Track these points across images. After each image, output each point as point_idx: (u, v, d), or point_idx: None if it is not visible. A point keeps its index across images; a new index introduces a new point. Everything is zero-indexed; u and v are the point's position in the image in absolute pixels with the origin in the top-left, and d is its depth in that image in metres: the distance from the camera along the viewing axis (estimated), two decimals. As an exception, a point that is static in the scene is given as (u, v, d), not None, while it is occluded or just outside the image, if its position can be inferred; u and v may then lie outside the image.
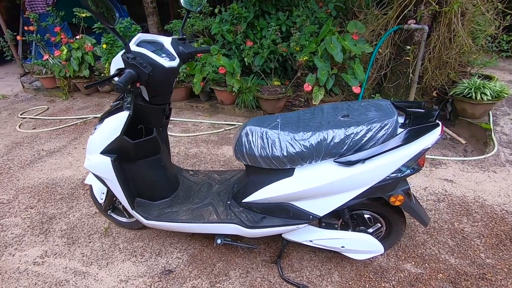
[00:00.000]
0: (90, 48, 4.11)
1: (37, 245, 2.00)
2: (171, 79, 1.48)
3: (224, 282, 1.68)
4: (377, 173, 1.25)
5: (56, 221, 2.19)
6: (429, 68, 3.39)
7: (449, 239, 1.91)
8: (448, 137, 3.22)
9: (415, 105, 1.36)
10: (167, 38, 1.54)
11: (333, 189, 1.30)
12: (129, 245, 1.96)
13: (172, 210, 1.70)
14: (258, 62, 3.80)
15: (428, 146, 1.22)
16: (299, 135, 1.28)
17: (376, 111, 1.31)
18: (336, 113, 1.38)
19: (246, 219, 1.51)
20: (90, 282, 1.72)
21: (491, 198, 2.28)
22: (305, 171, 1.33)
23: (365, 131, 1.22)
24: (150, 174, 1.69)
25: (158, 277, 1.73)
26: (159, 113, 1.55)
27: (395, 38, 3.44)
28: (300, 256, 1.81)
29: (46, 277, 1.76)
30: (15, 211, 2.32)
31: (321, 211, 1.38)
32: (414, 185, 2.46)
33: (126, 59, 1.25)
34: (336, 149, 1.24)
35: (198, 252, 1.87)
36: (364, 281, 1.64)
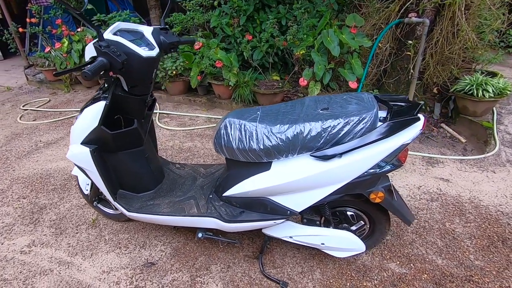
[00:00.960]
0: (90, 40, 4.12)
1: (26, 234, 2.02)
2: (150, 69, 1.45)
3: (205, 276, 1.67)
4: (354, 168, 1.21)
5: (46, 212, 2.22)
6: (431, 63, 3.30)
7: (439, 240, 1.86)
8: (448, 135, 3.13)
9: (399, 99, 1.31)
10: (148, 27, 1.52)
11: (309, 184, 1.27)
12: (115, 236, 1.97)
13: (154, 202, 1.69)
14: (256, 56, 3.76)
15: (407, 141, 1.18)
16: (276, 128, 1.25)
17: (357, 104, 1.27)
18: (317, 106, 1.34)
19: (225, 213, 1.50)
20: (73, 272, 1.74)
21: (487, 199, 2.21)
22: (282, 165, 1.30)
23: (342, 125, 1.18)
24: (133, 166, 1.68)
25: (140, 269, 1.73)
26: (139, 104, 1.53)
27: (396, 32, 3.35)
28: (283, 252, 1.79)
29: (31, 266, 1.79)
30: (8, 200, 2.36)
31: (299, 207, 1.35)
32: (408, 183, 2.40)
33: (98, 47, 1.23)
34: (312, 143, 1.21)
35: (181, 246, 1.87)
36: (345, 280, 1.60)
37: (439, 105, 3.53)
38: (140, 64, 1.36)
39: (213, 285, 1.62)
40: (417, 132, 1.19)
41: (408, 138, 1.17)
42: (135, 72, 1.39)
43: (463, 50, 3.26)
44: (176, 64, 3.68)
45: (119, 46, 1.30)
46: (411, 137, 1.18)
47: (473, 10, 3.04)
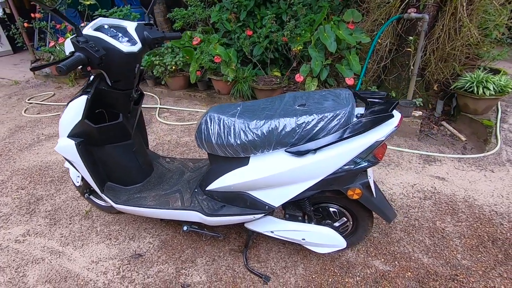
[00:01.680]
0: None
1: (22, 224, 2.09)
2: (131, 64, 1.47)
3: (190, 268, 1.70)
4: (328, 164, 1.20)
5: (42, 202, 2.28)
6: (432, 60, 3.23)
7: (427, 238, 1.84)
8: (449, 133, 3.08)
9: (378, 96, 1.29)
10: (132, 23, 1.53)
11: (285, 179, 1.27)
12: (106, 228, 2.01)
13: (141, 195, 1.72)
14: (256, 52, 3.75)
15: (381, 138, 1.17)
16: (252, 123, 1.25)
17: (333, 101, 1.26)
18: (295, 102, 1.33)
19: (207, 207, 1.51)
20: (64, 262, 1.79)
21: (482, 198, 2.17)
22: (259, 160, 1.30)
23: (316, 121, 1.18)
24: (121, 159, 1.71)
25: (127, 260, 1.77)
26: (124, 98, 1.55)
27: (397, 28, 3.29)
28: (269, 247, 1.80)
29: (24, 255, 1.84)
30: (7, 191, 2.43)
31: (276, 202, 1.35)
32: (403, 181, 2.38)
33: (76, 42, 1.25)
34: (287, 139, 1.21)
35: (169, 238, 1.90)
36: (328, 275, 1.61)
37: (441, 103, 3.47)
38: (121, 59, 1.37)
39: (197, 277, 1.65)
40: (391, 129, 1.17)
41: (382, 135, 1.16)
42: (116, 67, 1.41)
43: (466, 47, 3.19)
44: (176, 59, 3.70)
45: (99, 41, 1.32)
46: (385, 134, 1.16)
47: (476, 6, 2.96)
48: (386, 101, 1.23)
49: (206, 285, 1.60)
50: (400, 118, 1.22)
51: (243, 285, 1.59)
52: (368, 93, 1.33)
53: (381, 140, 1.17)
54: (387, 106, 1.18)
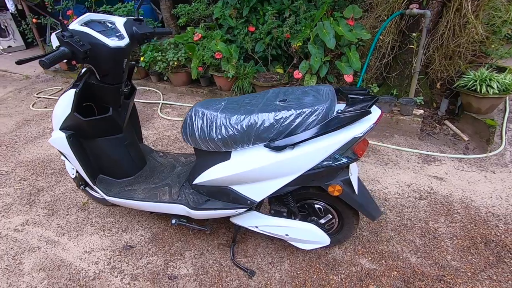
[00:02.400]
0: (99, 31, 4.25)
1: (21, 214, 2.16)
2: (119, 58, 1.49)
3: (178, 261, 1.73)
4: (306, 160, 1.20)
5: (42, 194, 2.35)
6: (436, 57, 3.16)
7: (417, 238, 1.81)
8: (451, 132, 3.01)
9: (359, 92, 1.28)
10: (121, 18, 1.56)
11: (265, 174, 1.28)
12: (101, 219, 2.06)
13: (131, 188, 1.76)
14: (258, 48, 3.74)
15: (359, 135, 1.16)
16: (233, 118, 1.26)
17: (314, 96, 1.26)
18: (277, 97, 1.33)
19: (192, 201, 1.54)
20: (58, 251, 1.85)
21: (480, 199, 2.12)
22: (240, 155, 1.31)
23: (294, 116, 1.18)
24: (112, 153, 1.75)
25: (118, 251, 1.81)
26: (113, 92, 1.58)
27: (400, 25, 3.23)
28: (257, 242, 1.81)
29: (22, 243, 1.91)
30: (11, 182, 2.52)
31: (257, 196, 1.36)
32: (399, 180, 2.35)
33: (60, 37, 1.28)
34: (265, 134, 1.21)
35: (161, 231, 1.93)
36: (313, 272, 1.61)
37: (446, 101, 3.39)
38: (107, 53, 1.40)
39: (184, 270, 1.68)
40: (369, 125, 1.16)
41: (360, 131, 1.15)
42: (103, 62, 1.44)
43: (472, 44, 3.10)
44: (178, 55, 3.73)
45: (85, 36, 1.34)
46: (363, 131, 1.15)
47: (482, 1, 2.87)
48: (366, 97, 1.22)
49: (192, 278, 1.63)
50: (380, 114, 1.20)
51: (228, 279, 1.61)
52: (350, 89, 1.32)
53: (359, 136, 1.16)
54: (366, 102, 1.17)
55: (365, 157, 2.67)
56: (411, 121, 2.86)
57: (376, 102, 1.21)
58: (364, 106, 1.15)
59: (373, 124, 1.17)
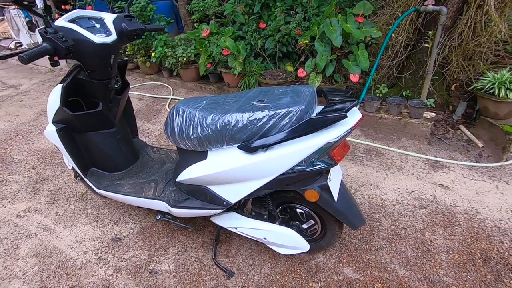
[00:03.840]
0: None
1: (25, 200, 2.27)
2: (105, 55, 1.50)
3: (161, 256, 1.75)
4: (279, 163, 1.16)
5: (47, 182, 2.46)
6: (453, 57, 2.97)
7: (410, 249, 1.72)
8: (465, 138, 2.82)
9: (341, 93, 1.21)
10: (111, 14, 1.57)
11: (239, 176, 1.25)
12: (96, 211, 2.13)
13: (120, 182, 1.79)
14: (268, 45, 3.69)
15: (333, 139, 1.09)
16: (209, 118, 1.24)
17: (292, 97, 1.21)
18: (257, 97, 1.30)
19: (173, 198, 1.54)
20: (53, 238, 1.93)
21: (487, 212, 1.97)
22: (216, 155, 1.29)
23: (268, 118, 1.13)
24: (103, 147, 1.79)
25: (107, 243, 1.86)
26: (102, 88, 1.60)
27: (416, 22, 3.06)
28: (241, 243, 1.79)
29: (21, 229, 2.01)
30: (21, 170, 2.65)
31: (233, 198, 1.34)
32: (400, 187, 2.23)
33: (43, 33, 1.31)
34: (239, 135, 1.18)
35: (150, 226, 1.96)
36: (292, 277, 1.57)
37: (464, 105, 3.18)
38: (93, 49, 1.42)
39: (166, 265, 1.69)
40: (345, 130, 1.10)
41: (335, 136, 1.09)
42: (89, 58, 1.46)
43: (495, 43, 2.88)
44: (187, 51, 3.76)
45: (69, 32, 1.37)
46: (338, 135, 1.09)
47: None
48: (345, 100, 1.15)
49: (172, 274, 1.64)
50: (359, 119, 1.13)
51: (207, 278, 1.60)
52: (333, 90, 1.26)
53: (334, 141, 1.10)
54: (343, 106, 1.10)
55: (367, 160, 2.56)
56: (420, 124, 2.71)
57: (356, 106, 1.14)
58: (340, 109, 1.09)
59: (349, 129, 1.11)
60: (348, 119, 1.11)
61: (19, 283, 1.65)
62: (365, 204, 2.07)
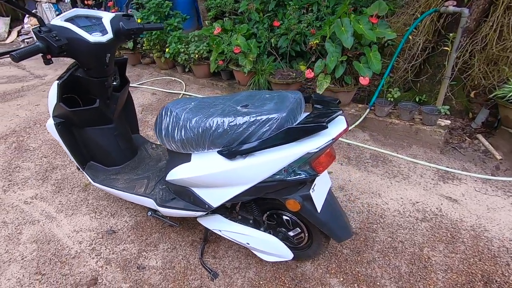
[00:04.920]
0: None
1: (34, 188, 2.38)
2: (99, 53, 1.52)
3: (150, 252, 1.77)
4: (258, 171, 1.13)
5: (56, 172, 2.57)
6: (475, 62, 2.78)
7: (404, 265, 1.63)
8: (482, 148, 2.65)
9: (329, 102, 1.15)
10: (109, 14, 1.59)
11: (219, 181, 1.23)
12: (96, 202, 2.19)
13: (116, 177, 1.83)
14: (281, 43, 3.63)
15: (313, 150, 1.05)
16: (193, 121, 1.22)
17: (276, 104, 1.16)
18: (244, 101, 1.26)
19: (160, 197, 1.55)
20: (53, 226, 2.00)
21: (497, 230, 1.84)
22: (199, 159, 1.28)
23: (248, 124, 1.10)
24: (101, 142, 1.83)
25: (102, 235, 1.91)
26: (99, 85, 1.63)
27: (437, 24, 2.89)
28: (229, 244, 1.78)
29: (26, 215, 2.11)
30: (34, 158, 2.78)
31: (214, 202, 1.32)
32: (403, 197, 2.13)
33: (37, 32, 1.34)
34: (219, 140, 1.16)
35: (144, 221, 1.99)
36: (276, 284, 1.54)
37: (486, 112, 2.98)
38: (88, 48, 1.44)
39: (154, 261, 1.71)
40: (327, 141, 1.04)
41: (315, 146, 1.04)
42: (84, 56, 1.49)
43: (522, 48, 2.67)
44: (200, 48, 3.77)
45: (63, 31, 1.39)
46: (318, 146, 1.04)
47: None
48: (329, 109, 1.10)
49: (158, 271, 1.66)
50: (343, 130, 1.08)
51: (191, 277, 1.61)
52: (321, 98, 1.20)
53: (313, 151, 1.05)
54: (326, 115, 1.05)
55: (372, 166, 2.47)
56: (433, 132, 2.57)
57: (340, 116, 1.09)
58: (322, 119, 1.04)
59: (331, 140, 1.05)
60: (331, 130, 1.05)
61: (17, 267, 1.74)
62: (363, 213, 2.00)
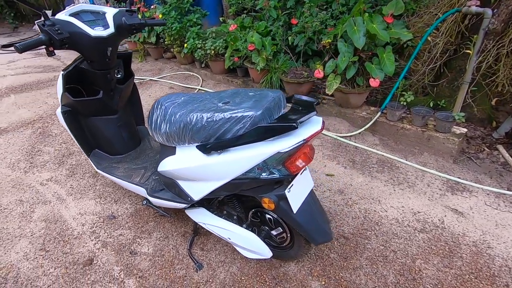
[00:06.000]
0: (157, 16, 4.62)
1: (50, 171, 2.57)
2: (101, 47, 1.60)
3: (144, 239, 1.86)
4: (231, 167, 1.15)
5: (72, 157, 2.74)
6: (501, 67, 2.59)
7: (392, 275, 1.58)
8: (501, 160, 2.48)
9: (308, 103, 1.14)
10: (112, 9, 1.67)
11: (198, 175, 1.27)
12: (103, 188, 2.32)
13: (117, 165, 1.93)
14: (298, 42, 3.59)
15: (284, 150, 1.04)
16: (177, 115, 1.26)
17: (255, 102, 1.17)
18: (228, 98, 1.29)
19: (151, 187, 1.61)
20: (61, 208, 2.15)
21: (501, 248, 1.73)
22: (182, 152, 1.32)
23: (224, 121, 1.12)
24: (105, 131, 1.93)
25: (103, 219, 2.03)
26: (102, 77, 1.72)
27: (460, 25, 2.72)
28: (218, 238, 1.81)
29: (40, 195, 2.28)
30: (55, 143, 2.99)
31: (196, 195, 1.36)
32: (405, 205, 2.06)
33: (41, 26, 1.44)
34: (197, 135, 1.19)
35: (143, 209, 2.09)
36: (257, 281, 1.55)
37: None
38: (89, 42, 1.53)
39: (146, 248, 1.79)
40: (297, 141, 1.04)
41: (286, 146, 1.04)
42: (86, 49, 1.58)
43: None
44: (216, 44, 3.83)
45: (66, 25, 1.48)
46: (289, 146, 1.04)
47: None
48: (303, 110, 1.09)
49: (149, 258, 1.73)
50: (316, 132, 1.06)
51: (178, 267, 1.67)
52: (300, 98, 1.19)
53: (284, 151, 1.05)
54: (299, 116, 1.04)
55: (377, 172, 2.39)
56: (446, 139, 2.44)
57: (317, 117, 1.08)
58: (294, 119, 1.03)
59: (302, 140, 1.05)
60: (303, 130, 1.05)
61: (26, 242, 1.89)
62: (359, 219, 1.95)
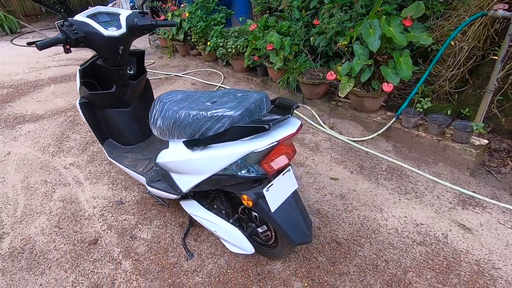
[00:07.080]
0: (184, 15, 4.80)
1: (74, 156, 2.80)
2: (113, 46, 1.73)
3: (145, 226, 1.98)
4: (210, 164, 1.20)
5: (94, 145, 2.97)
6: (532, 76, 2.39)
7: (379, 285, 1.55)
8: (525, 176, 2.29)
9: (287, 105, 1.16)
10: (126, 11, 1.79)
11: (184, 169, 1.34)
12: (117, 175, 2.50)
13: (126, 155, 2.07)
14: (318, 42, 3.56)
15: (257, 150, 1.08)
16: (170, 112, 1.34)
17: (238, 102, 1.21)
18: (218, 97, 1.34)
19: (150, 177, 1.72)
20: (78, 191, 2.35)
21: (508, 270, 1.63)
22: (173, 146, 1.40)
23: (206, 119, 1.18)
24: (117, 123, 2.08)
25: (111, 204, 2.19)
26: (115, 73, 1.86)
27: (490, 29, 2.55)
28: (213, 231, 1.89)
29: (62, 177, 2.51)
30: (81, 131, 3.25)
31: (184, 187, 1.43)
32: (408, 215, 1.99)
33: (60, 26, 1.58)
34: (184, 131, 1.26)
35: (148, 197, 2.22)
36: (241, 276, 1.60)
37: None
38: (102, 41, 1.66)
39: (145, 234, 1.91)
40: (270, 142, 1.06)
41: (259, 146, 1.07)
42: (99, 48, 1.72)
43: None
44: (237, 43, 3.91)
45: (83, 25, 1.62)
46: (262, 146, 1.07)
47: None
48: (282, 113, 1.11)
49: (146, 243, 1.85)
50: (290, 134, 1.08)
51: (171, 254, 1.76)
52: (283, 101, 1.21)
53: (258, 151, 1.08)
54: (273, 118, 1.07)
55: (385, 179, 2.33)
56: (462, 150, 2.30)
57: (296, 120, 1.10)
58: (268, 121, 1.06)
59: (275, 142, 1.07)
60: (278, 132, 1.08)
61: (44, 219, 2.10)
62: (356, 225, 1.92)
